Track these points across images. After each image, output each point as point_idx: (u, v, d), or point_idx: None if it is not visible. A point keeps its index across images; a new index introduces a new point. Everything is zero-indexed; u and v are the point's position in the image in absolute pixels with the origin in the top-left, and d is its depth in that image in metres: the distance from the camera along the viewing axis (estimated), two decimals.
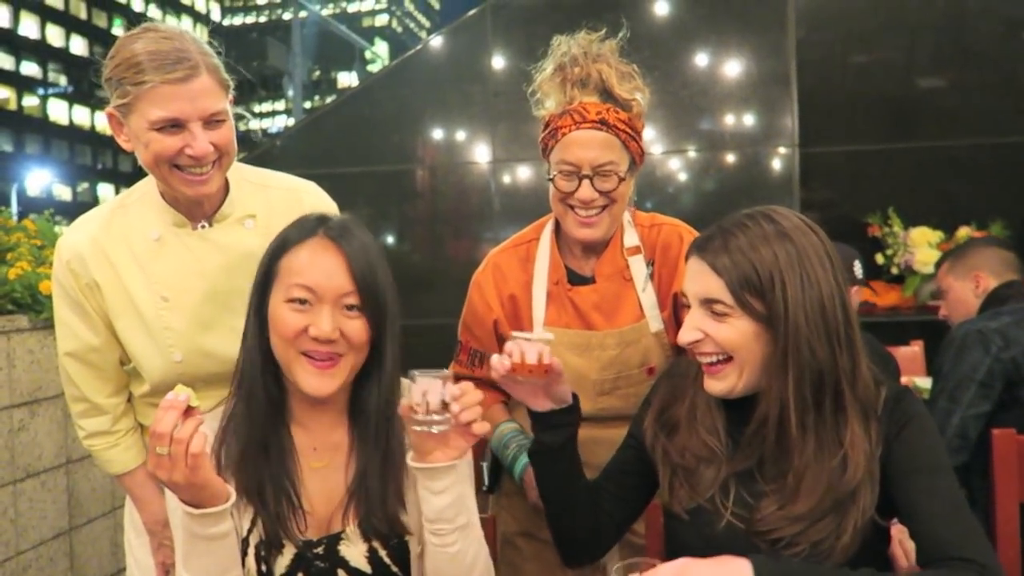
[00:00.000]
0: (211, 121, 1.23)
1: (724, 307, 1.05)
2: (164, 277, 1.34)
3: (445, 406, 1.02)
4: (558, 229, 1.56)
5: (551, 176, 1.46)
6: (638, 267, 1.52)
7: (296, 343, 1.10)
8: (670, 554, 1.19)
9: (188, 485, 0.96)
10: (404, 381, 1.17)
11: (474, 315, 1.59)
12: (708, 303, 1.07)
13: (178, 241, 1.35)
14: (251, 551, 1.12)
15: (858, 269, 2.28)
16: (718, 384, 1.09)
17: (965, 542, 0.97)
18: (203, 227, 1.36)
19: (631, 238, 1.54)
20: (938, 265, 2.34)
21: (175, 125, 1.22)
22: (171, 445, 0.93)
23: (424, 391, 1.02)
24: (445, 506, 1.08)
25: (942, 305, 2.31)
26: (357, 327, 1.10)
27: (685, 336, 1.09)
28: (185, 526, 1.01)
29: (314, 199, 1.45)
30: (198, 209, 1.35)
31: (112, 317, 1.36)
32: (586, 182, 1.42)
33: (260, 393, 1.14)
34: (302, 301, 1.10)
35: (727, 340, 1.06)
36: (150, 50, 1.20)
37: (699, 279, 1.08)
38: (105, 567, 2.59)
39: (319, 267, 1.10)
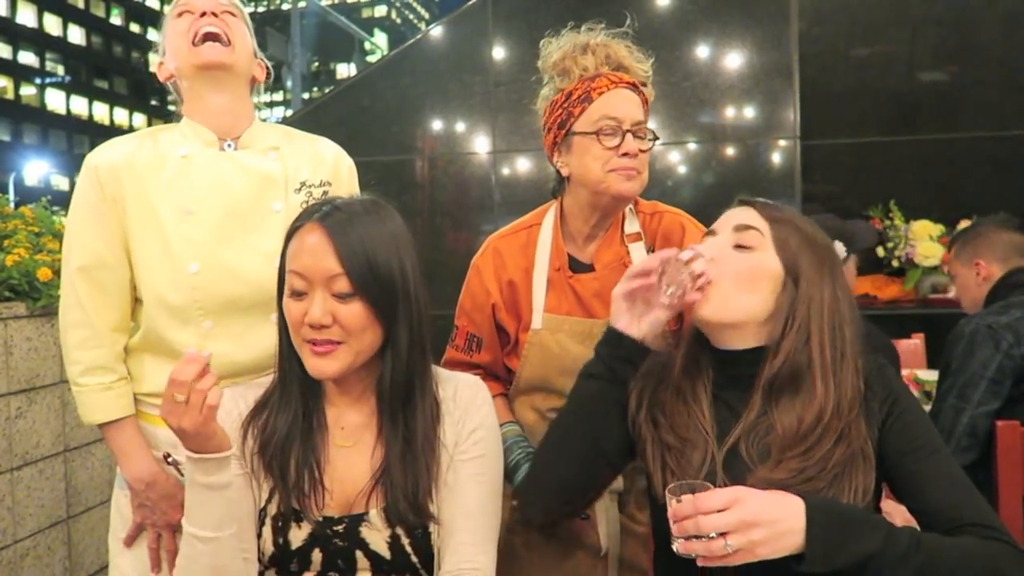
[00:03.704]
0: (219, 11, 1.43)
1: (757, 236, 1.08)
2: (189, 191, 1.40)
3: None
4: (562, 215, 1.55)
5: (593, 132, 1.43)
6: (639, 254, 1.51)
7: (300, 332, 1.10)
8: (665, 545, 1.18)
9: (196, 433, 1.00)
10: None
11: (472, 299, 1.58)
12: (742, 228, 1.09)
13: (205, 159, 1.43)
14: (268, 521, 1.12)
15: (838, 249, 2.19)
16: (704, 307, 1.09)
17: (979, 514, 1.00)
18: (229, 146, 1.45)
19: (632, 225, 1.53)
20: (949, 247, 2.30)
21: (190, 12, 1.43)
22: (190, 394, 0.97)
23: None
24: None
25: (952, 288, 2.27)
26: (351, 312, 1.08)
27: (698, 246, 1.10)
28: (188, 475, 1.04)
29: (332, 147, 1.56)
30: (223, 125, 1.45)
31: (131, 229, 1.39)
32: (629, 136, 1.43)
33: (293, 374, 1.17)
34: (299, 293, 1.10)
35: (746, 268, 1.08)
36: None
37: (741, 216, 1.11)
38: (103, 556, 2.58)
39: (307, 251, 1.10)
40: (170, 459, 1.43)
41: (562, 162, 1.50)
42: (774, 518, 0.92)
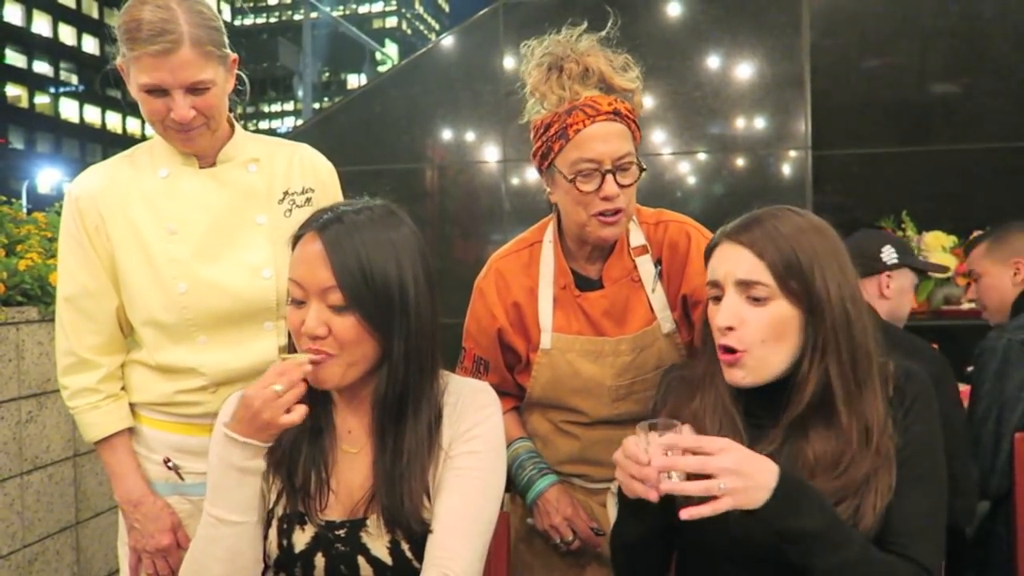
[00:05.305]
0: (194, 89, 1.31)
1: (765, 290, 1.04)
2: (172, 210, 1.39)
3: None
4: (560, 231, 1.51)
5: (570, 178, 1.37)
6: (646, 267, 1.48)
7: (300, 340, 1.10)
8: (687, 547, 1.17)
9: (267, 424, 1.04)
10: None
11: (477, 323, 1.55)
12: (746, 285, 1.05)
13: (186, 178, 1.42)
14: (275, 523, 1.13)
15: (887, 254, 2.02)
16: (740, 372, 1.07)
17: (926, 556, 1.01)
18: (210, 167, 1.43)
19: (637, 237, 1.49)
20: (972, 246, 2.18)
21: (160, 91, 1.30)
22: (289, 391, 1.03)
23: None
24: None
25: (973, 289, 2.16)
26: (344, 324, 1.07)
27: (723, 321, 1.07)
28: (224, 458, 1.07)
29: (310, 153, 1.53)
30: (201, 153, 1.42)
31: (117, 255, 1.39)
32: (609, 177, 1.35)
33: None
34: (298, 301, 1.10)
35: (766, 325, 1.04)
36: (143, 19, 1.27)
37: (736, 262, 1.07)
38: (111, 562, 2.58)
39: (304, 261, 1.09)
40: (170, 463, 1.44)
41: (550, 190, 1.46)
42: (752, 471, 0.95)
